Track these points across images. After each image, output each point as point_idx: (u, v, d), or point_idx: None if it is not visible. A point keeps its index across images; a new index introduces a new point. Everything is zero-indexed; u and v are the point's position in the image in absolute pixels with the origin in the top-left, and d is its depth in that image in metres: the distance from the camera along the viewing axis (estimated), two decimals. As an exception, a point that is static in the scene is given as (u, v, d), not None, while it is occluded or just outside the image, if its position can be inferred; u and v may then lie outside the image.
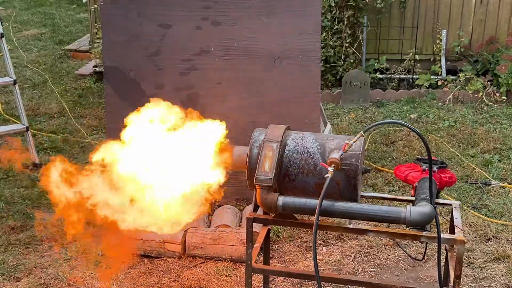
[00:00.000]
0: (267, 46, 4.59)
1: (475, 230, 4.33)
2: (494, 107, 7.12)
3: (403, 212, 2.65)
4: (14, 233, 4.30)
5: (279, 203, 2.72)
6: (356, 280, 3.15)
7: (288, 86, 4.64)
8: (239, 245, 3.92)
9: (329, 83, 7.77)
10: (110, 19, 4.64)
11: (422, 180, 2.97)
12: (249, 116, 4.55)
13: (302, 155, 2.74)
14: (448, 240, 2.76)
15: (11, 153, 4.29)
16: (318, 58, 4.66)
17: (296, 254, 4.07)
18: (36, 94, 7.49)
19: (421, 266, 3.97)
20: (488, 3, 7.94)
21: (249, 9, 4.55)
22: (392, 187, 5.04)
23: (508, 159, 5.60)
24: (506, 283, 3.74)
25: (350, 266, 3.95)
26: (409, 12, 8.03)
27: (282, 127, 2.83)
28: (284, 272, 3.22)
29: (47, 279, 3.74)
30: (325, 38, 7.52)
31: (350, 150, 2.65)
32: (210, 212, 4.34)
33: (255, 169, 2.72)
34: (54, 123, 6.50)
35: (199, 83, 4.63)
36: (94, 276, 3.79)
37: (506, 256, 3.98)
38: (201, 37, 4.59)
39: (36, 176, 5.22)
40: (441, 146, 5.92)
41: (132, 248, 3.84)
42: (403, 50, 8.06)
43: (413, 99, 7.39)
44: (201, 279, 3.76)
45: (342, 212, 2.72)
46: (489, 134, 6.25)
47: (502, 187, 5.03)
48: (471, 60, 7.85)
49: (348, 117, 6.90)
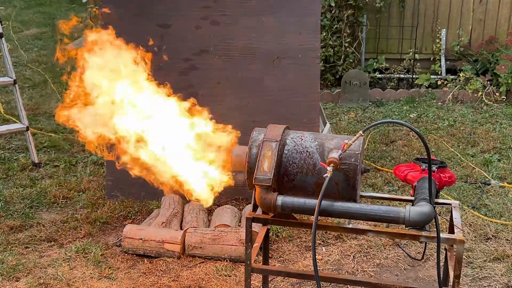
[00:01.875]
0: (266, 45, 4.59)
1: (474, 229, 4.33)
2: (494, 106, 7.13)
3: (402, 212, 2.65)
4: (13, 233, 4.29)
5: (278, 203, 2.72)
6: (355, 280, 3.14)
7: (288, 86, 4.64)
8: (238, 245, 3.92)
9: (329, 83, 7.78)
10: (110, 18, 4.63)
11: (421, 180, 2.97)
12: (248, 116, 4.55)
13: (301, 154, 2.74)
14: (447, 239, 2.76)
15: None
16: (318, 57, 4.66)
17: (295, 254, 4.07)
18: (36, 94, 7.49)
19: (421, 265, 3.97)
20: (487, 3, 7.94)
21: (249, 8, 4.56)
22: (392, 187, 5.04)
23: (508, 159, 5.60)
24: (506, 283, 3.74)
25: (349, 266, 3.95)
26: (408, 11, 8.04)
27: (281, 127, 2.83)
28: (283, 272, 3.21)
29: (47, 279, 3.74)
30: (324, 38, 7.52)
31: (349, 150, 2.64)
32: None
33: (254, 168, 2.72)
34: (54, 123, 6.50)
35: (198, 83, 4.63)
36: (93, 275, 3.79)
37: (505, 256, 3.98)
38: (201, 37, 4.59)
39: (35, 175, 5.23)
40: (440, 145, 5.92)
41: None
42: (402, 50, 8.06)
43: (412, 99, 7.39)
44: (201, 279, 3.76)
45: (341, 212, 2.71)
46: (489, 133, 6.25)
47: (501, 186, 5.03)
48: (470, 60, 7.86)
49: (347, 117, 6.90)
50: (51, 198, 4.80)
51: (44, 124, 6.45)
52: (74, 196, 4.86)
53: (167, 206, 4.41)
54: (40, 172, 5.29)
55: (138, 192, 4.71)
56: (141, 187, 4.75)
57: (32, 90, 7.65)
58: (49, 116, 6.72)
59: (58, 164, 5.45)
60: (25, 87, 7.71)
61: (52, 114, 6.74)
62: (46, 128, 6.32)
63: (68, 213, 4.59)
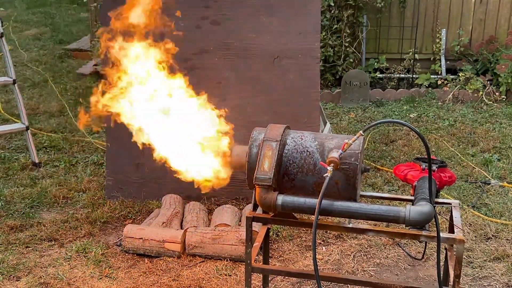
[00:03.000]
0: (266, 45, 4.59)
1: (474, 229, 4.33)
2: (494, 106, 7.13)
3: (402, 212, 2.65)
4: (14, 233, 4.30)
5: (278, 202, 2.73)
6: (355, 280, 3.15)
7: (288, 86, 4.64)
8: (238, 244, 3.93)
9: (329, 83, 7.77)
10: (110, 18, 4.63)
11: (421, 179, 2.97)
12: (248, 116, 4.56)
13: (302, 154, 2.74)
14: (447, 239, 2.76)
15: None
16: (318, 57, 4.66)
17: (295, 253, 4.07)
18: (36, 93, 7.49)
19: (421, 265, 3.97)
20: (488, 3, 7.94)
21: (249, 8, 4.56)
22: (392, 187, 5.04)
23: (508, 158, 5.61)
24: (506, 282, 3.74)
25: (349, 265, 3.95)
26: (408, 11, 8.04)
27: (282, 127, 2.83)
28: (283, 271, 3.22)
29: (47, 279, 3.75)
30: (324, 38, 7.52)
31: (350, 149, 2.65)
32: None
33: (255, 168, 2.72)
34: (54, 122, 6.51)
35: (198, 83, 4.61)
36: (94, 275, 3.80)
37: (505, 256, 3.99)
38: (201, 37, 4.59)
39: (35, 175, 5.23)
40: (440, 145, 5.92)
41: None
42: (402, 50, 8.06)
43: (412, 99, 7.39)
44: (201, 279, 3.76)
45: (342, 212, 2.72)
46: (489, 133, 6.25)
47: (501, 186, 5.03)
48: (470, 60, 7.86)
49: (347, 117, 6.90)
50: (52, 198, 4.80)
51: (44, 124, 6.45)
52: (74, 196, 4.86)
53: (167, 205, 4.42)
54: (40, 172, 5.30)
55: (138, 192, 4.71)
56: (141, 187, 4.76)
57: (32, 89, 7.65)
58: (49, 116, 6.72)
59: (58, 164, 5.46)
60: (25, 86, 7.71)
61: (52, 114, 6.75)
62: (46, 128, 6.32)
63: (69, 212, 4.59)
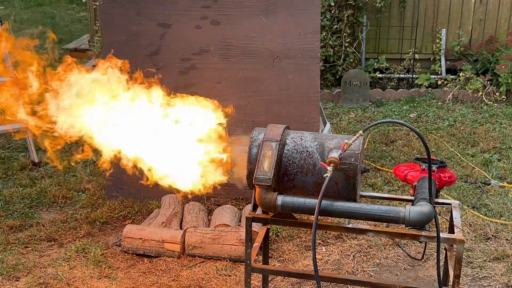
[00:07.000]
0: (266, 45, 4.59)
1: (474, 229, 4.33)
2: (494, 106, 7.13)
3: (402, 212, 2.65)
4: (13, 233, 4.30)
5: (278, 203, 2.72)
6: (355, 280, 3.14)
7: (288, 86, 4.64)
8: (238, 245, 3.92)
9: (329, 83, 7.78)
10: (109, 18, 4.64)
11: (421, 180, 2.97)
12: (248, 116, 4.55)
13: (301, 154, 2.74)
14: (447, 239, 2.76)
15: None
16: (318, 57, 4.66)
17: (295, 254, 4.06)
18: (36, 93, 7.48)
19: (421, 265, 3.97)
20: (487, 3, 7.94)
21: (249, 8, 4.55)
22: (392, 187, 5.04)
23: (508, 159, 5.60)
24: (506, 283, 3.74)
25: (349, 265, 3.95)
26: (408, 11, 8.04)
27: (281, 127, 2.83)
28: (283, 271, 3.22)
29: (46, 279, 3.74)
30: (324, 38, 7.52)
31: (349, 150, 2.64)
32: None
33: (254, 168, 2.72)
34: (54, 122, 6.50)
35: (198, 83, 4.63)
36: (93, 275, 3.79)
37: (505, 256, 3.98)
38: (201, 37, 4.58)
39: (35, 175, 5.23)
40: (440, 145, 5.92)
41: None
42: (402, 50, 8.07)
43: (412, 99, 7.39)
44: (200, 279, 3.76)
45: (341, 212, 2.71)
46: (489, 133, 6.25)
47: (501, 186, 5.02)
48: (470, 60, 7.86)
49: (347, 117, 6.90)
50: (51, 197, 4.80)
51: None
52: (74, 196, 4.86)
53: (167, 206, 4.41)
54: (40, 171, 5.29)
55: (138, 192, 4.70)
56: (141, 187, 4.74)
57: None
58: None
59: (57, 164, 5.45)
60: (25, 86, 7.70)
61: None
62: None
63: (68, 213, 4.59)
